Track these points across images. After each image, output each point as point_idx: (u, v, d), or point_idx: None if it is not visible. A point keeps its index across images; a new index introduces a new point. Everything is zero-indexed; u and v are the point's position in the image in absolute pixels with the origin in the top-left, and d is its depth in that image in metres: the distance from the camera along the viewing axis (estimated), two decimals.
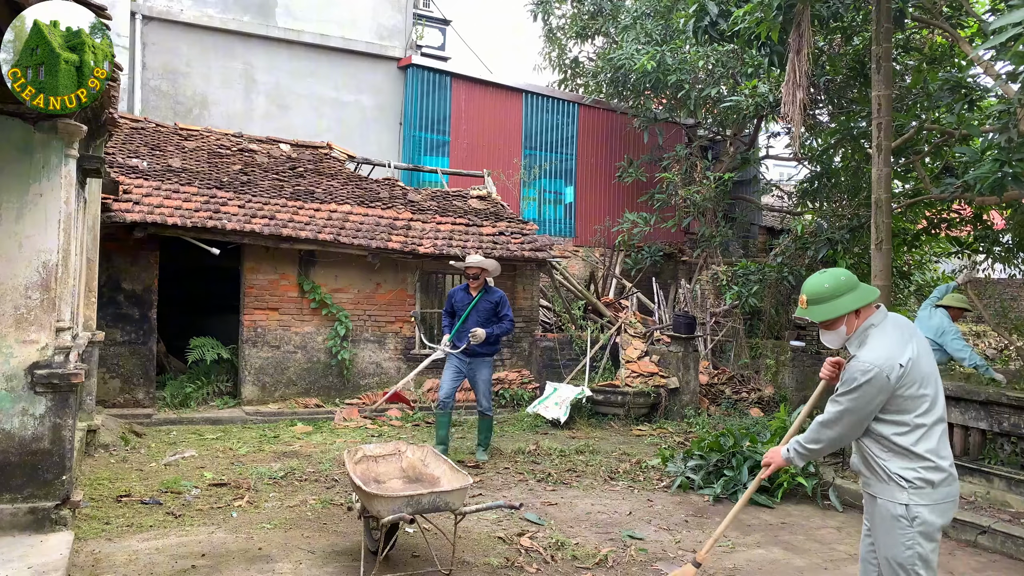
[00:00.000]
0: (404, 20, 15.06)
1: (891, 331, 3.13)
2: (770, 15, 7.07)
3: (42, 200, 4.81)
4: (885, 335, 3.11)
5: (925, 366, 3.10)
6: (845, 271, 3.24)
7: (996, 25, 4.60)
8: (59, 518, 4.73)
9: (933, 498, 3.02)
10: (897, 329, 3.15)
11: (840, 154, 10.93)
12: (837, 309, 3.14)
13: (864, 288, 3.19)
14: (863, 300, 3.15)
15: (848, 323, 3.19)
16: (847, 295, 3.15)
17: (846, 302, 3.14)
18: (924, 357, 3.12)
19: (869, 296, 3.17)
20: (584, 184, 15.78)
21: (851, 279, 3.20)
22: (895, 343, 3.08)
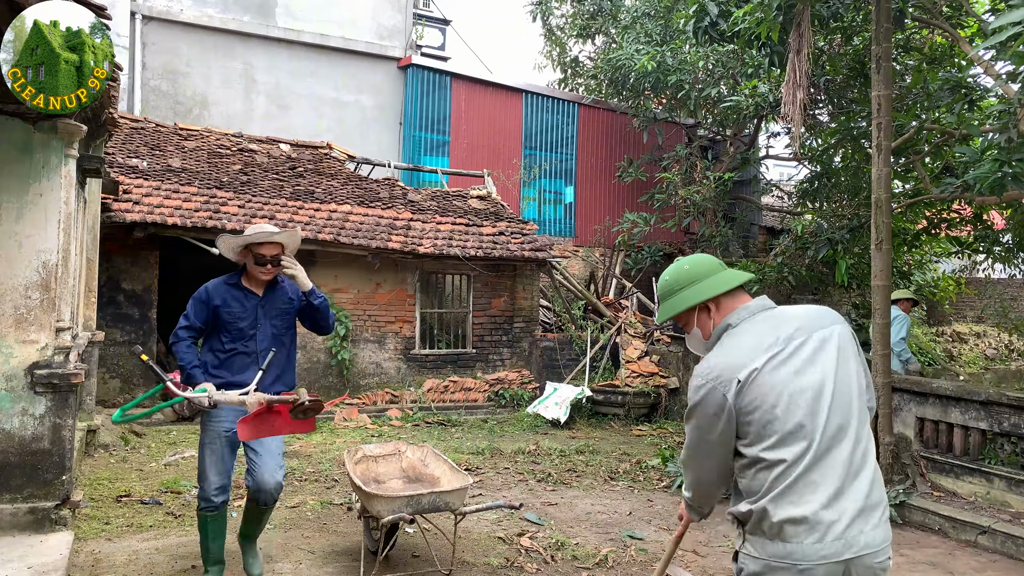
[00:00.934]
0: (404, 20, 15.06)
1: (750, 331, 2.30)
2: (770, 15, 7.06)
3: (42, 200, 4.81)
4: (738, 336, 2.30)
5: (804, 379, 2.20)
6: (698, 257, 2.49)
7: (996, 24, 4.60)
8: (59, 518, 4.73)
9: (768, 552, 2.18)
10: (767, 326, 2.30)
11: (840, 154, 10.92)
12: (675, 306, 2.42)
13: (719, 277, 2.40)
14: (709, 292, 2.37)
15: (702, 323, 2.43)
16: (690, 288, 2.40)
17: (687, 296, 2.40)
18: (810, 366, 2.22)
19: (718, 286, 2.37)
20: (584, 184, 15.78)
21: (699, 267, 2.44)
22: (747, 347, 2.24)
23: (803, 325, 2.29)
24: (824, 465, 2.16)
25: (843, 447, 2.18)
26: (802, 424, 2.16)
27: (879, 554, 2.18)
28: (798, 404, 2.16)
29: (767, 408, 2.16)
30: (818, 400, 2.18)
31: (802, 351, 2.23)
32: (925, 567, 5.21)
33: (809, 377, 2.20)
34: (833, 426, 2.18)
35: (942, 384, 6.75)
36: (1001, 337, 15.79)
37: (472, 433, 9.41)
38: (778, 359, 2.20)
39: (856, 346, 2.35)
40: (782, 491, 2.16)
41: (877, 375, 6.75)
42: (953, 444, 6.52)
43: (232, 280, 4.26)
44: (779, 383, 2.17)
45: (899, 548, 5.58)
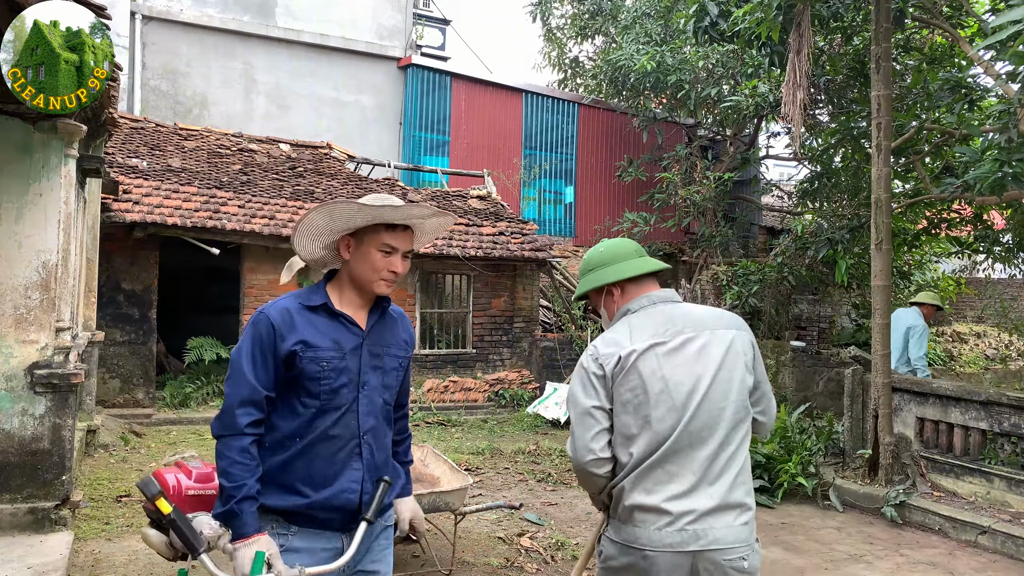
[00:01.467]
0: (404, 20, 15.06)
1: (645, 318, 2.34)
2: (770, 15, 7.06)
3: (42, 200, 4.81)
4: (632, 320, 2.34)
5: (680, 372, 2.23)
6: (617, 241, 2.52)
7: (996, 24, 4.60)
8: (59, 518, 4.73)
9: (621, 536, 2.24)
10: (662, 317, 2.33)
11: (840, 154, 10.92)
12: (585, 285, 2.49)
13: (629, 263, 2.43)
14: (614, 276, 2.41)
15: (607, 305, 2.48)
16: (600, 270, 2.44)
17: (596, 277, 2.45)
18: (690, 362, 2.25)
19: (625, 271, 2.41)
20: (584, 184, 15.78)
21: (613, 250, 2.47)
22: (636, 331, 2.29)
23: (698, 323, 2.33)
24: (683, 459, 2.20)
25: (707, 446, 2.22)
26: (669, 414, 2.20)
27: (730, 552, 2.18)
28: (669, 394, 2.21)
29: (639, 391, 2.22)
30: (690, 396, 2.22)
31: (688, 346, 2.27)
32: (925, 567, 5.21)
33: (686, 371, 2.24)
34: (700, 424, 2.21)
35: (942, 384, 6.75)
36: (1001, 337, 15.78)
37: (472, 433, 9.41)
38: (662, 348, 2.26)
39: (753, 357, 2.37)
40: (638, 476, 2.21)
41: (877, 375, 6.76)
42: (953, 444, 6.52)
43: (314, 300, 2.23)
44: (656, 370, 2.23)
45: (899, 548, 5.58)
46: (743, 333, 2.38)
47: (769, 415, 2.43)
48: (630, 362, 2.23)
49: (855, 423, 7.28)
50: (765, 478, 6.77)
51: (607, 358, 2.26)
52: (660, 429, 2.20)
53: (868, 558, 5.34)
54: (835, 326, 13.90)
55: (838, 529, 6.01)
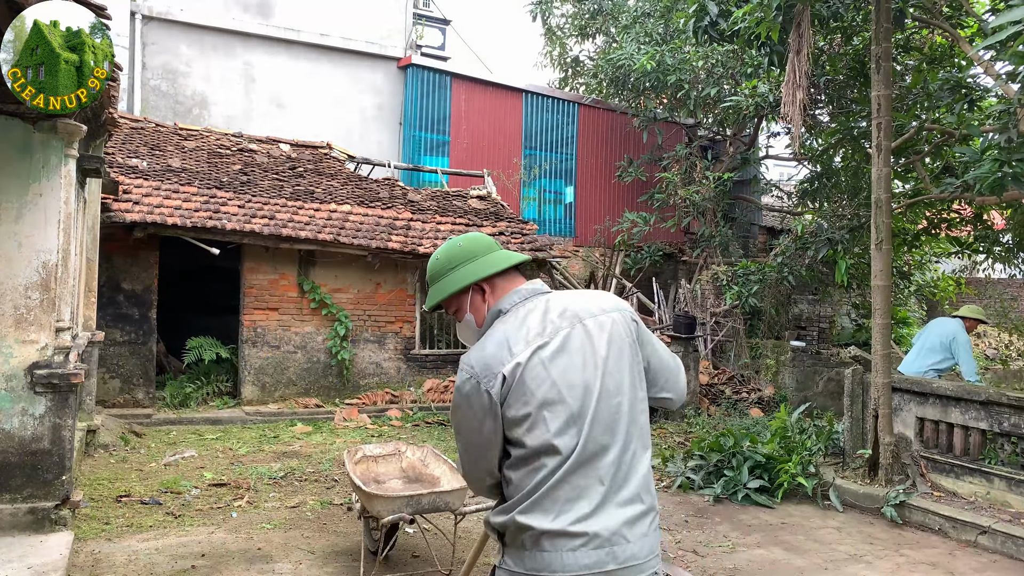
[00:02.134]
0: (404, 20, 15.06)
1: (519, 319, 2.04)
2: (770, 15, 7.06)
3: (42, 200, 4.81)
4: (506, 324, 2.04)
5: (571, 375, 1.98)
6: (473, 235, 2.23)
7: (995, 24, 4.60)
8: (59, 518, 4.73)
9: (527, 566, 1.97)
10: (536, 314, 2.05)
11: (840, 154, 10.92)
12: (447, 287, 2.14)
13: (495, 256, 2.15)
14: (484, 271, 2.11)
15: (475, 308, 2.16)
16: (464, 267, 2.14)
17: (462, 276, 2.13)
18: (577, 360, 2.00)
19: (495, 264, 2.12)
20: (584, 184, 15.77)
21: (474, 244, 2.17)
22: (513, 338, 1.99)
23: (573, 312, 2.06)
24: (589, 470, 1.96)
25: (611, 451, 1.99)
26: (567, 426, 1.95)
27: (645, 566, 2.01)
28: (564, 403, 1.95)
29: (534, 407, 1.94)
30: (585, 398, 1.97)
31: (570, 343, 2.00)
32: (925, 567, 5.21)
33: (576, 372, 1.98)
34: (600, 426, 1.98)
35: (942, 384, 6.75)
36: (1001, 337, 15.78)
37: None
38: (545, 352, 1.97)
39: (637, 334, 2.12)
40: (542, 497, 1.95)
41: (877, 375, 6.76)
42: (953, 444, 6.52)
43: None
44: (544, 378, 1.95)
45: (899, 548, 5.58)
46: (621, 313, 2.11)
47: (675, 388, 2.22)
48: (516, 377, 1.94)
49: (855, 423, 7.28)
50: (765, 478, 6.77)
51: (490, 380, 1.95)
52: (561, 444, 1.94)
53: (868, 558, 5.34)
54: (835, 326, 13.90)
55: (838, 529, 6.01)
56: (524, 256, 2.23)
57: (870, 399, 6.92)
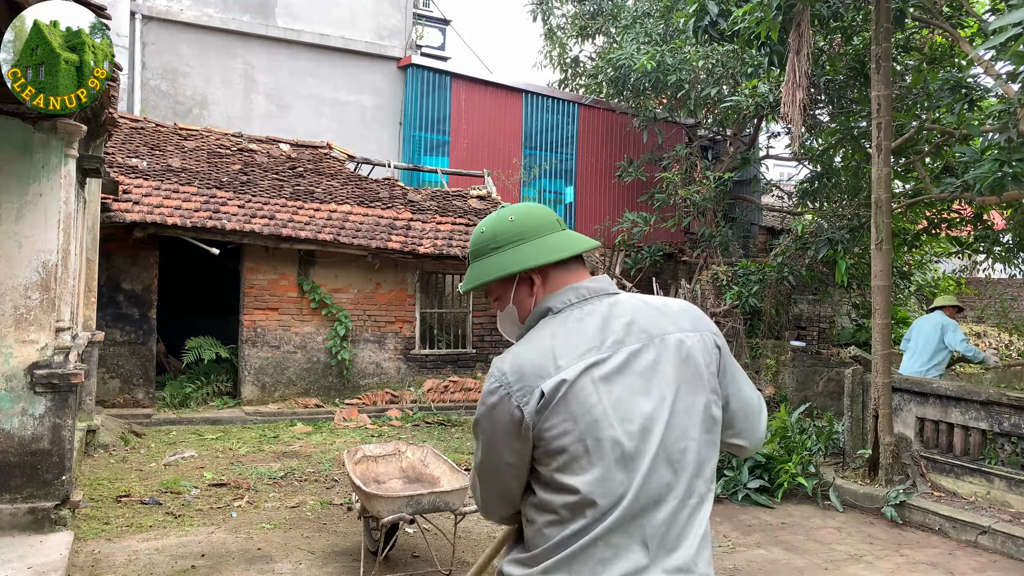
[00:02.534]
0: (404, 20, 15.06)
1: (574, 323, 1.63)
2: (770, 15, 7.06)
3: (42, 200, 4.81)
4: (556, 327, 1.63)
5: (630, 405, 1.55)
6: (530, 207, 1.79)
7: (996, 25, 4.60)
8: (59, 518, 4.73)
9: None
10: (595, 320, 1.63)
11: (840, 154, 10.93)
12: (489, 271, 1.73)
13: (554, 239, 1.73)
14: (536, 258, 1.69)
15: (520, 300, 1.75)
16: (512, 248, 1.71)
17: (507, 260, 1.70)
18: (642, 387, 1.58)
19: (551, 252, 1.70)
20: (584, 184, 15.78)
21: (530, 220, 1.74)
22: (562, 346, 1.59)
23: (643, 326, 1.63)
24: (633, 528, 1.55)
25: (666, 505, 1.57)
26: (617, 468, 1.53)
27: None
28: (617, 440, 1.53)
29: (574, 439, 1.53)
30: (644, 439, 1.55)
31: (635, 364, 1.58)
32: (925, 567, 5.21)
33: (637, 403, 1.56)
34: (658, 476, 1.56)
35: (942, 384, 6.75)
36: (1001, 337, 15.78)
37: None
38: (601, 370, 1.56)
39: (719, 365, 1.70)
40: (571, 556, 1.55)
41: (877, 375, 6.76)
42: (953, 444, 6.52)
43: None
44: (594, 404, 1.54)
45: (899, 548, 5.58)
46: (705, 334, 1.69)
47: (752, 435, 1.79)
48: (558, 396, 1.53)
49: (855, 423, 7.28)
50: (765, 478, 6.77)
51: (524, 394, 1.55)
52: (602, 492, 1.53)
53: (868, 558, 5.34)
54: (835, 326, 13.90)
55: (838, 529, 6.01)
56: (592, 242, 1.80)
57: (870, 399, 6.92)
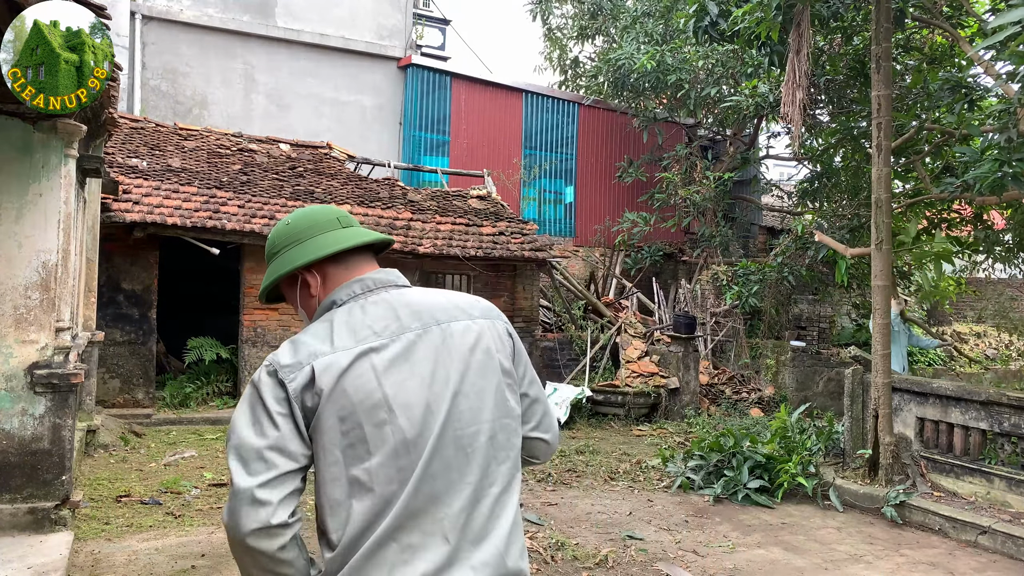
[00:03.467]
0: (404, 20, 15.06)
1: (356, 314, 1.60)
2: (770, 15, 7.06)
3: (42, 200, 4.81)
4: (336, 318, 1.60)
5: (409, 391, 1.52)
6: (310, 209, 1.78)
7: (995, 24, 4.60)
8: (59, 518, 4.72)
9: None
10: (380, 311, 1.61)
11: (840, 154, 10.93)
12: (271, 274, 1.73)
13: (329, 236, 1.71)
14: (307, 256, 1.68)
15: (304, 300, 1.75)
16: (290, 250, 1.71)
17: (284, 261, 1.71)
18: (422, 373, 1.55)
19: (323, 247, 1.69)
20: (584, 184, 15.78)
21: (304, 221, 1.73)
22: (339, 334, 1.55)
23: (429, 313, 1.62)
24: (427, 521, 1.49)
25: (460, 494, 1.52)
26: (397, 457, 1.48)
27: None
28: (396, 426, 1.49)
29: (352, 424, 1.48)
30: (426, 424, 1.51)
31: (417, 350, 1.56)
32: (925, 567, 5.21)
33: (418, 389, 1.53)
34: (444, 464, 1.51)
35: (942, 384, 6.75)
36: (1001, 337, 15.78)
37: None
38: (379, 356, 1.53)
39: (513, 354, 1.69)
40: (361, 561, 1.47)
41: (877, 375, 6.76)
42: (953, 444, 6.52)
43: None
44: (373, 391, 1.49)
45: (899, 548, 5.59)
46: (495, 321, 1.69)
47: (552, 431, 1.74)
48: (333, 381, 1.48)
49: (855, 423, 7.28)
50: (765, 478, 6.77)
51: (290, 372, 1.49)
52: (389, 479, 1.47)
53: (868, 558, 5.34)
54: (835, 326, 13.90)
55: (838, 529, 6.01)
56: (372, 235, 1.77)
57: (870, 399, 6.92)
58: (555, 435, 1.76)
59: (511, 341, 1.70)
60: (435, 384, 1.55)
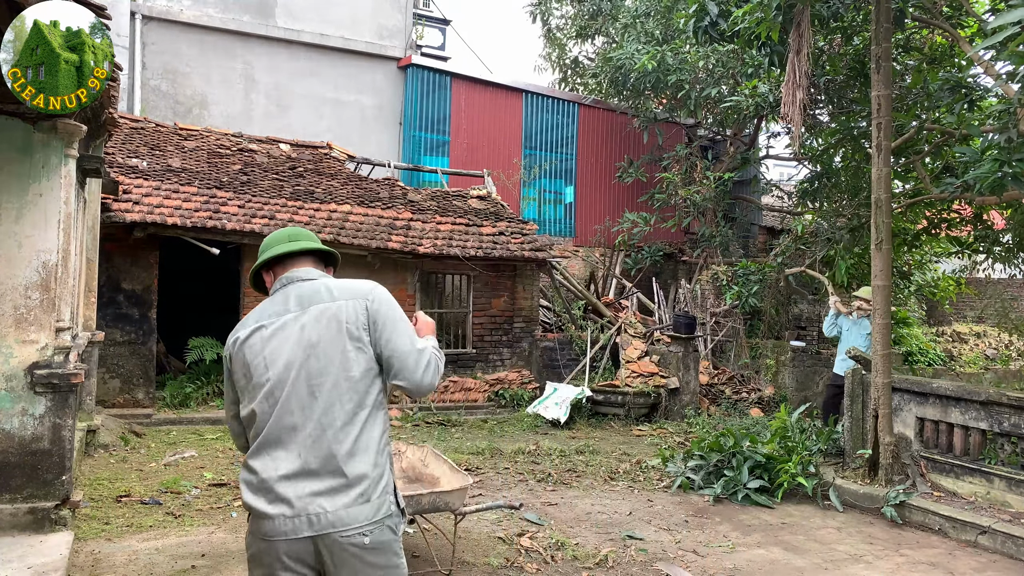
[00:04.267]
0: (404, 20, 15.06)
1: (268, 302, 2.45)
2: (770, 15, 7.06)
3: (42, 200, 4.81)
4: (261, 305, 2.47)
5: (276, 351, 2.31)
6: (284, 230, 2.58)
7: (995, 24, 4.60)
8: (59, 518, 4.72)
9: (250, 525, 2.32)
10: (279, 297, 2.43)
11: (840, 154, 10.92)
12: (250, 278, 2.61)
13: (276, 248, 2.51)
14: (259, 263, 2.53)
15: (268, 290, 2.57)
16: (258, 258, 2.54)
17: (254, 267, 2.56)
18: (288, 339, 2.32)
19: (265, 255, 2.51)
20: (584, 184, 15.78)
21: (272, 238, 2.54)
22: (252, 317, 2.43)
23: (305, 299, 2.38)
24: (289, 439, 2.25)
25: (310, 422, 2.25)
26: (268, 395, 2.28)
27: (348, 530, 2.21)
28: (267, 375, 2.28)
29: (241, 375, 2.35)
30: (285, 374, 2.28)
31: (288, 327, 2.33)
32: (925, 567, 5.21)
33: (283, 351, 2.30)
34: (298, 400, 2.26)
35: (942, 384, 6.75)
36: (1001, 337, 15.78)
37: (472, 433, 9.41)
38: (265, 331, 2.35)
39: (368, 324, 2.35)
40: (250, 461, 2.29)
41: (877, 375, 6.76)
42: (953, 444, 6.52)
43: None
44: (257, 354, 2.32)
45: (899, 548, 5.59)
46: (355, 301, 2.37)
47: (409, 377, 2.35)
48: (236, 347, 2.37)
49: (855, 423, 7.28)
50: (765, 478, 6.77)
51: (229, 345, 2.42)
52: (261, 410, 2.28)
53: (868, 558, 5.34)
54: None
55: (838, 529, 6.01)
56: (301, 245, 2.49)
57: (870, 399, 6.92)
58: (414, 383, 2.36)
59: (366, 315, 2.36)
60: (296, 348, 2.30)
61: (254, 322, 2.39)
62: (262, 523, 2.23)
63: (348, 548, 2.21)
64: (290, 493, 2.20)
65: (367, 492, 2.25)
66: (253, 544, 2.27)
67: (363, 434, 2.29)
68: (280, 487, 2.21)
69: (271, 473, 2.23)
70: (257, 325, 2.37)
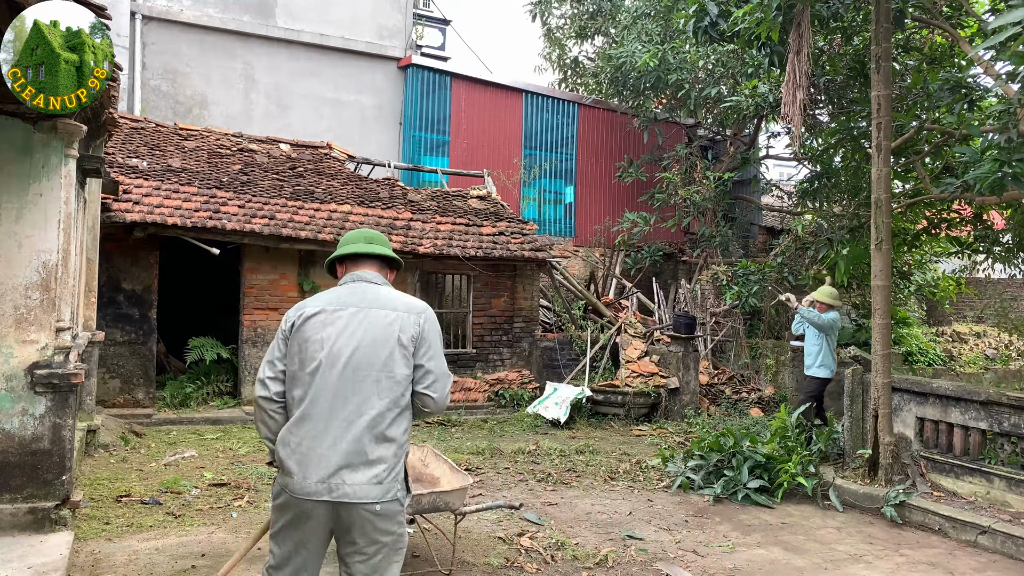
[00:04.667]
0: (404, 20, 15.06)
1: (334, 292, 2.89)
2: (770, 15, 7.06)
3: (42, 200, 4.81)
4: (328, 292, 2.90)
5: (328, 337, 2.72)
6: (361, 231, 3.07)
7: (995, 24, 4.60)
8: (59, 518, 4.72)
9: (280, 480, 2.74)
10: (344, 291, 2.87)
11: (840, 154, 10.92)
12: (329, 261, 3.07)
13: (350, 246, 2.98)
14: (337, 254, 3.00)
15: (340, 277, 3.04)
16: (338, 248, 3.01)
17: (334, 254, 3.02)
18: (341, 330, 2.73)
19: (341, 251, 2.98)
20: (584, 184, 15.78)
21: (349, 236, 3.04)
22: (319, 300, 2.84)
23: (369, 301, 2.80)
24: (321, 417, 2.65)
25: (345, 408, 2.65)
26: (312, 373, 2.67)
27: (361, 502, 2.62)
28: (314, 356, 2.68)
29: (296, 349, 2.73)
30: (335, 358, 2.67)
31: (344, 317, 2.74)
32: (925, 567, 5.21)
33: (337, 338, 2.70)
34: (344, 383, 2.66)
35: (942, 384, 6.75)
36: (1001, 337, 15.78)
37: (472, 433, 9.41)
38: (323, 315, 2.75)
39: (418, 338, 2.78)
40: (290, 427, 2.68)
41: (877, 375, 6.76)
42: (953, 444, 6.52)
43: None
44: (311, 333, 2.72)
45: (899, 548, 5.59)
46: (414, 316, 2.81)
47: (435, 391, 2.78)
48: (300, 324, 2.75)
49: (855, 423, 7.29)
50: (765, 478, 6.78)
51: (290, 318, 2.79)
52: (306, 385, 2.68)
53: (868, 558, 5.34)
54: None
55: (838, 529, 6.01)
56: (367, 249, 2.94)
57: (870, 399, 6.92)
58: (438, 396, 2.80)
59: (419, 329, 2.80)
60: (351, 339, 2.71)
61: (322, 303, 2.78)
62: (290, 481, 2.64)
63: (362, 513, 2.63)
64: (320, 464, 2.61)
65: (381, 476, 2.65)
66: (281, 495, 2.70)
67: (391, 428, 2.69)
68: (313, 456, 2.62)
69: (309, 443, 2.63)
70: (324, 307, 2.76)
